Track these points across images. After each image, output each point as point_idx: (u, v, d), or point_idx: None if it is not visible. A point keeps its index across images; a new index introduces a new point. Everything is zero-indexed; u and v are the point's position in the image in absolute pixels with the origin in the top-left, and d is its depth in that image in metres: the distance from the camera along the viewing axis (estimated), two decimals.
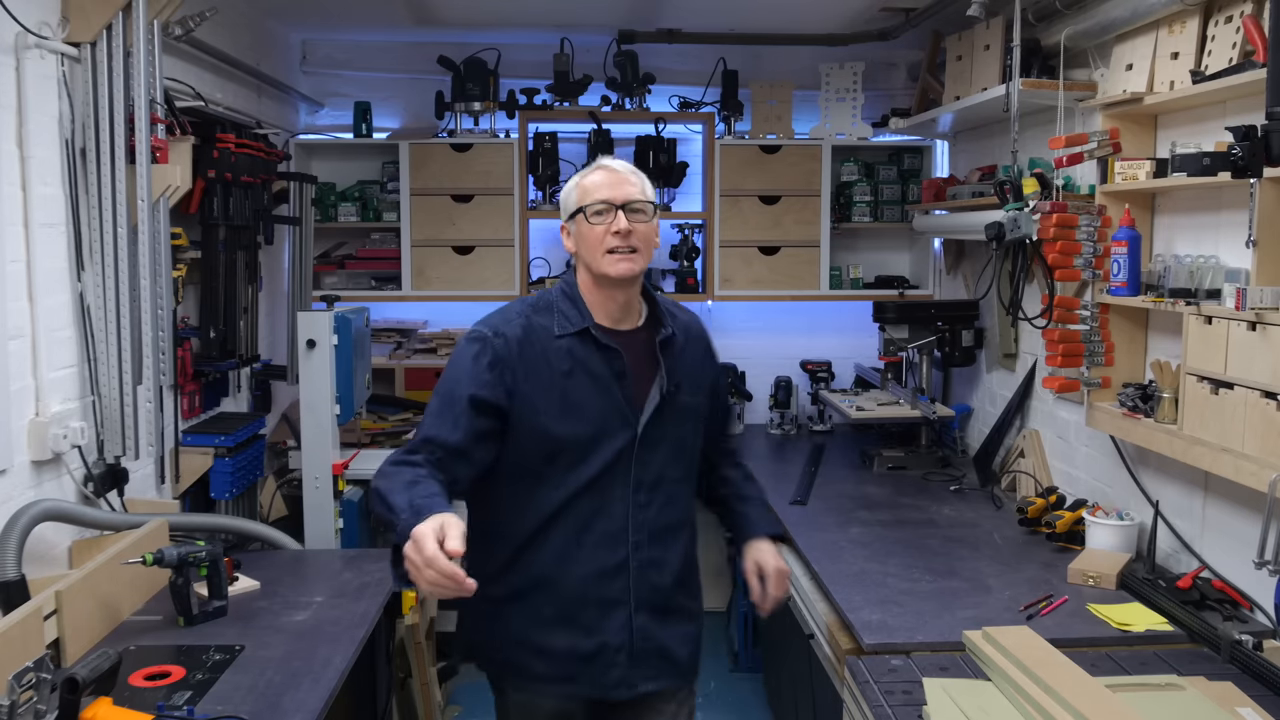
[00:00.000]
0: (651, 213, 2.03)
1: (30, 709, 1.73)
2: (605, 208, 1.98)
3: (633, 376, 2.02)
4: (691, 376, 2.12)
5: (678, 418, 2.08)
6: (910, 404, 4.06)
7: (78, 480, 2.60)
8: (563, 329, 2.01)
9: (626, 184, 2.01)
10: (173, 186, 2.80)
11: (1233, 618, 2.34)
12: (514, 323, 2.02)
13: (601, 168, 2.04)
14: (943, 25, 4.02)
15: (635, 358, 2.03)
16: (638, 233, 1.99)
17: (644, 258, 2.01)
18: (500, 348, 1.98)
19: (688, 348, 2.13)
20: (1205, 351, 2.37)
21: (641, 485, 2.04)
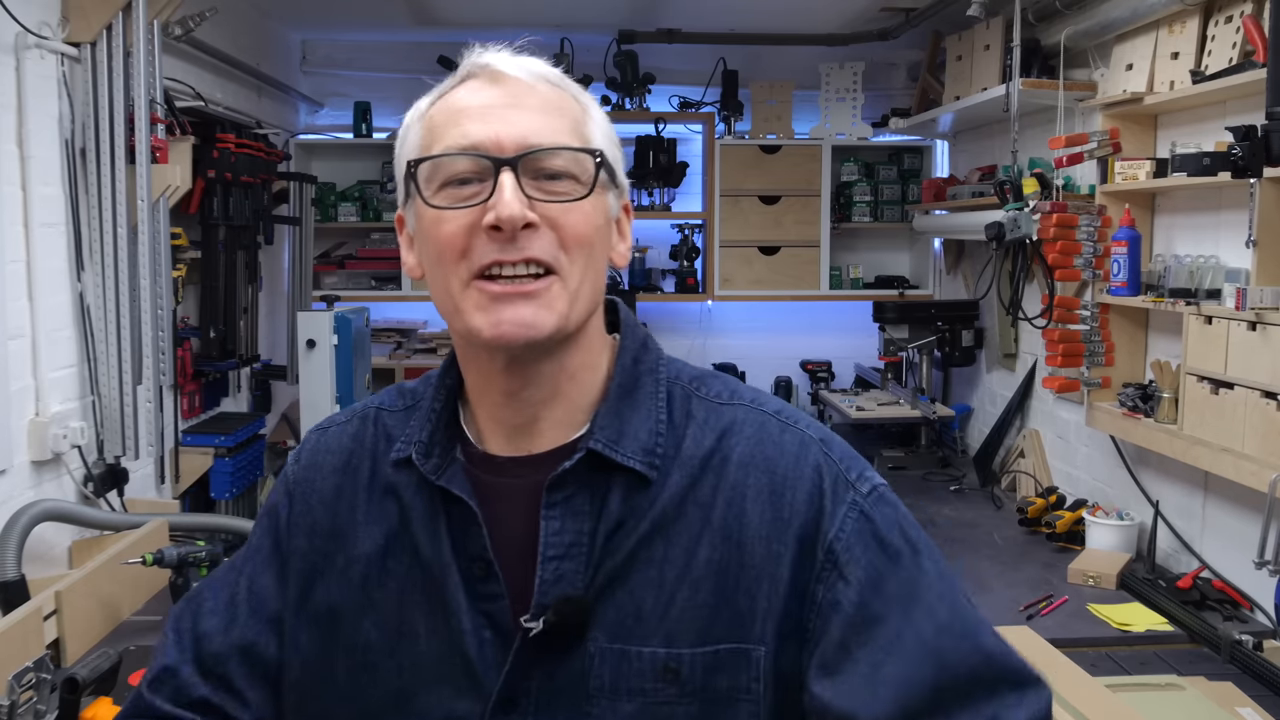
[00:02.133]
0: (592, 178, 0.86)
1: (30, 709, 1.73)
2: (471, 166, 0.84)
3: (522, 573, 0.86)
4: (688, 589, 0.85)
5: (623, 693, 0.85)
6: (910, 404, 4.06)
7: (78, 480, 2.59)
8: (401, 447, 0.93)
9: (532, 106, 0.86)
10: (173, 186, 2.80)
11: (1233, 618, 2.34)
12: (336, 429, 1.00)
13: (478, 73, 0.88)
14: (943, 25, 4.02)
15: (529, 529, 0.86)
16: (556, 228, 0.84)
17: (571, 289, 0.85)
18: (289, 488, 0.98)
19: (692, 508, 0.87)
20: (1205, 351, 2.37)
21: None
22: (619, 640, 0.85)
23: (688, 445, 0.89)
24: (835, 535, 0.85)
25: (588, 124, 0.89)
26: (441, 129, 0.87)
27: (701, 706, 0.84)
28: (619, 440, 0.87)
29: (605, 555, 0.86)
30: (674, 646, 0.84)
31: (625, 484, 0.87)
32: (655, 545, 0.86)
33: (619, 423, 0.88)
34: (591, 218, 0.86)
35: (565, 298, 0.84)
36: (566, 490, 0.86)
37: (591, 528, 0.86)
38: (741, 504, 0.86)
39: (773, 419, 0.91)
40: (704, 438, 0.89)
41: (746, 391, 0.94)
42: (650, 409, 0.90)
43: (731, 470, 0.88)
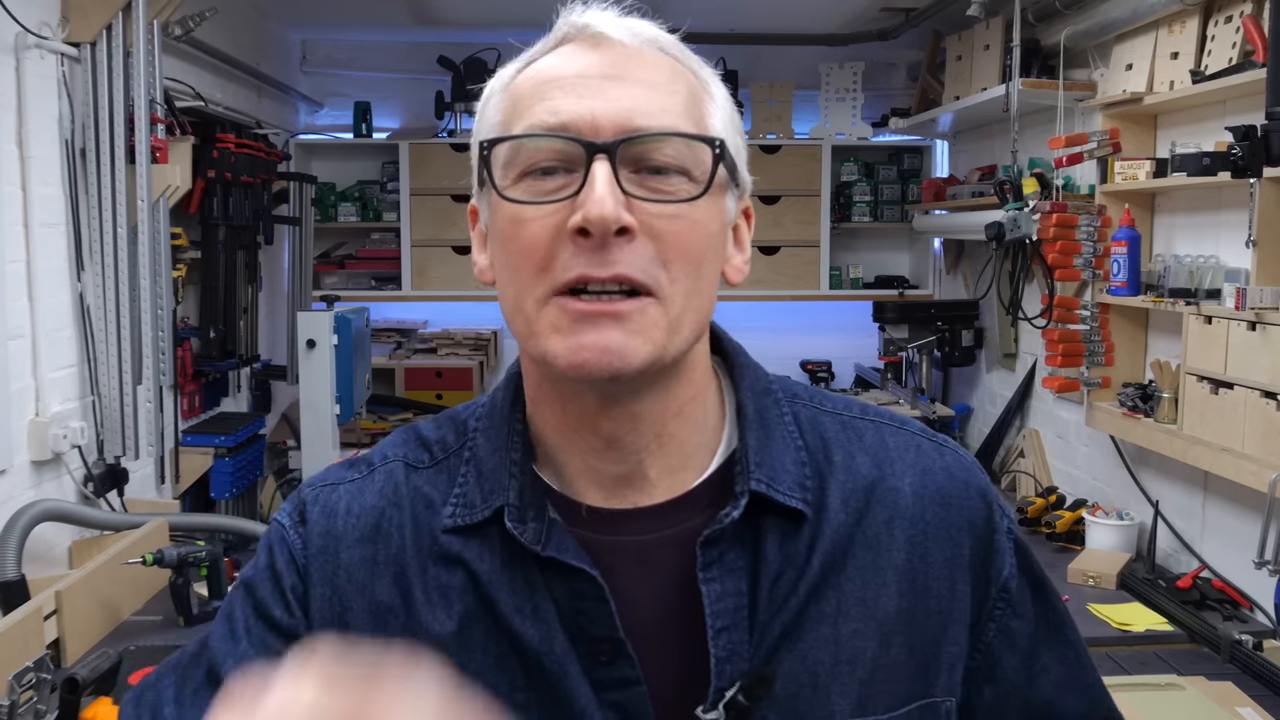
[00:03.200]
0: (708, 173, 0.68)
1: (30, 709, 1.73)
2: (561, 151, 0.67)
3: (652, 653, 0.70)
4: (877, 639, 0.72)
5: None
6: (910, 404, 4.05)
7: (78, 480, 2.59)
8: (462, 512, 0.74)
9: (634, 80, 0.69)
10: (173, 186, 2.80)
11: (1233, 618, 2.34)
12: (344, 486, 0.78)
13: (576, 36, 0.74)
14: (943, 25, 4.02)
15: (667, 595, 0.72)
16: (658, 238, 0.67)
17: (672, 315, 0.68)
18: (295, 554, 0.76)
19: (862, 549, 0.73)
20: (1205, 351, 2.37)
21: None
22: (797, 714, 0.70)
23: (838, 475, 0.74)
24: (1009, 571, 0.78)
25: (707, 105, 0.72)
26: (526, 102, 0.70)
27: None
28: (775, 478, 0.72)
29: (771, 617, 0.70)
30: (869, 713, 0.71)
31: (779, 528, 0.71)
32: (826, 597, 0.71)
33: (770, 459, 0.73)
34: (703, 226, 0.69)
35: (664, 325, 0.67)
36: (721, 546, 0.70)
37: (751, 585, 0.70)
38: (924, 543, 0.74)
39: (925, 440, 0.79)
40: (857, 465, 0.75)
41: (868, 405, 0.82)
42: (786, 438, 0.75)
43: (907, 504, 0.75)
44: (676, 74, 0.72)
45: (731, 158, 0.71)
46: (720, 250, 0.73)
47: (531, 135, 0.68)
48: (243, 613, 0.76)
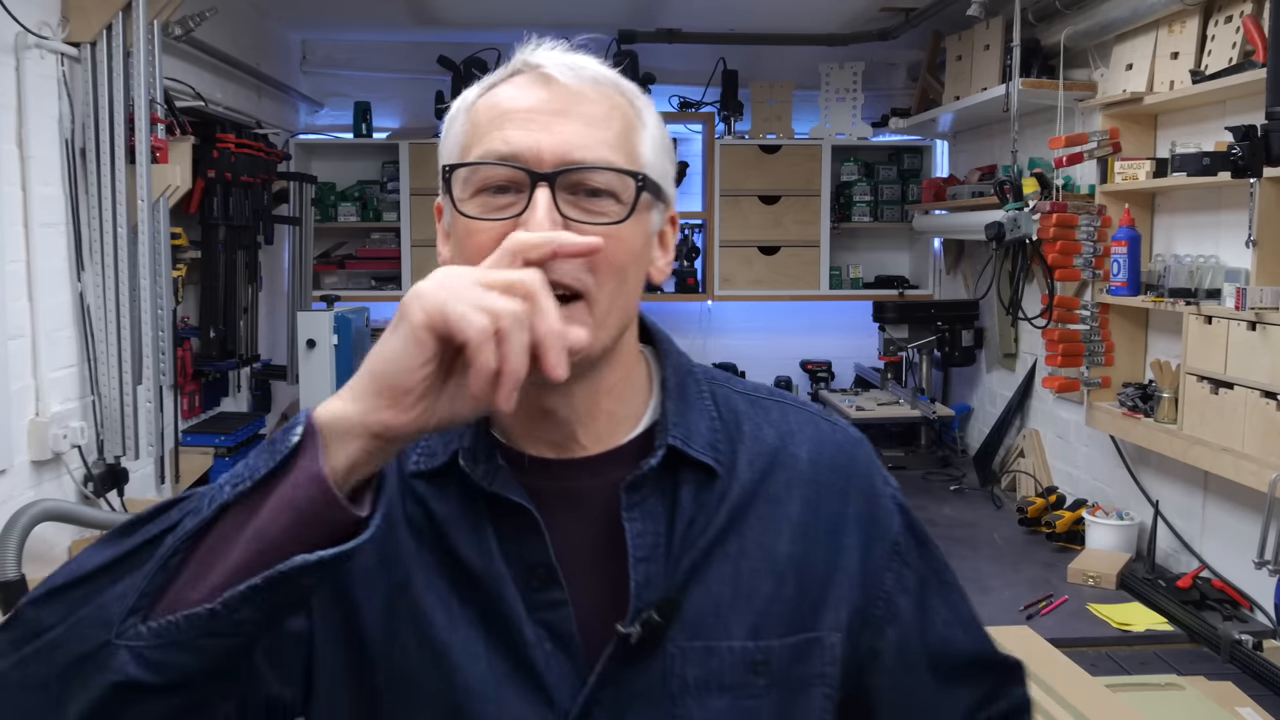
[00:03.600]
0: (633, 196, 0.81)
1: None
2: (508, 176, 0.80)
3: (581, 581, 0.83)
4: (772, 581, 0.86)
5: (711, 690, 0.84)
6: (910, 404, 4.06)
7: (78, 480, 2.59)
8: (425, 458, 0.86)
9: (573, 117, 0.81)
10: (173, 186, 2.80)
11: (1233, 618, 2.34)
12: None
13: (526, 70, 0.85)
14: (943, 25, 4.02)
15: (594, 531, 0.84)
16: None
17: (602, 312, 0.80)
18: None
19: (764, 504, 0.87)
20: (1205, 351, 2.37)
21: None
22: (700, 637, 0.83)
23: (747, 442, 0.89)
24: (898, 530, 0.92)
25: (638, 134, 0.84)
26: (485, 129, 0.82)
27: (783, 695, 0.85)
28: (689, 438, 0.86)
29: (682, 553, 0.84)
30: (761, 639, 0.85)
31: (695, 482, 0.85)
32: (730, 540, 0.85)
33: (686, 422, 0.86)
34: (628, 242, 0.81)
35: (591, 323, 0.79)
36: (643, 491, 0.84)
37: (667, 526, 0.84)
38: (816, 500, 0.89)
39: (821, 419, 0.94)
40: (763, 434, 0.90)
41: (777, 390, 0.97)
42: (702, 408, 0.89)
43: (803, 468, 0.89)
44: (613, 108, 0.83)
45: (655, 182, 0.84)
46: (644, 258, 0.86)
47: (486, 163, 0.80)
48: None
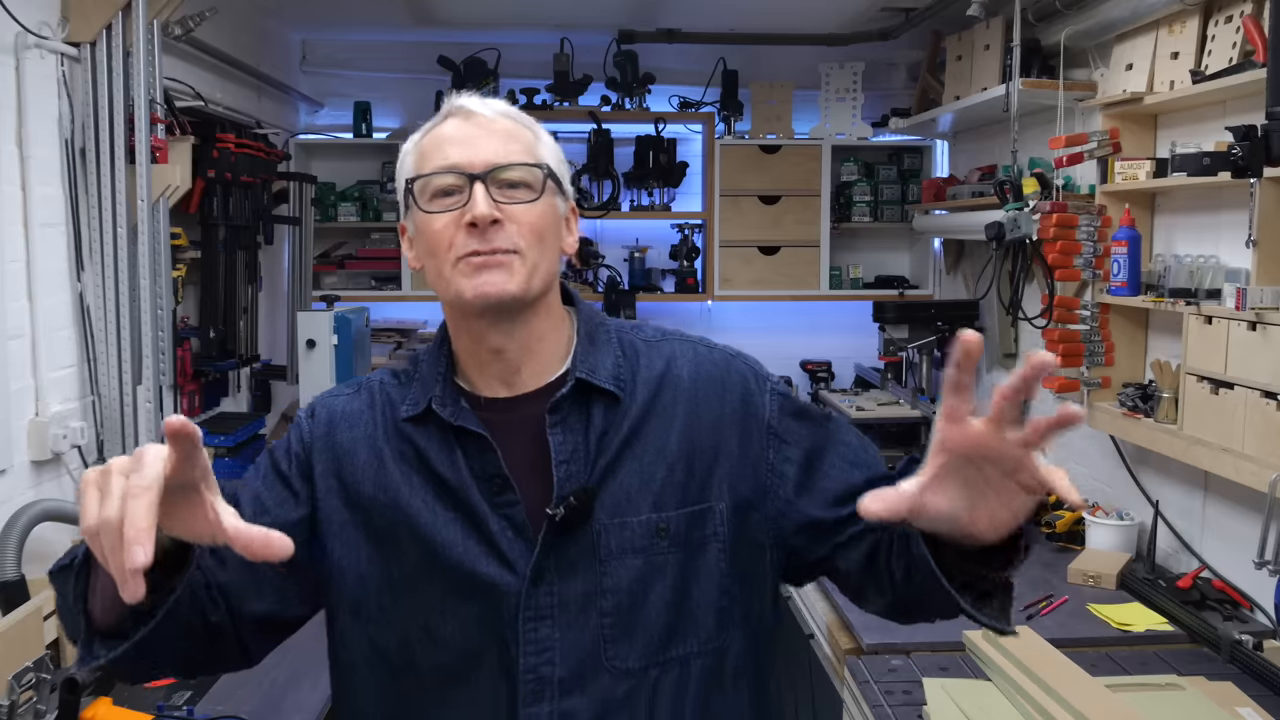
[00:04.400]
0: (541, 185, 1.15)
1: (30, 709, 1.73)
2: (452, 180, 1.14)
3: (529, 484, 1.14)
4: (665, 469, 1.16)
5: (626, 552, 1.14)
6: (910, 404, 4.06)
7: (78, 480, 2.59)
8: (411, 406, 1.19)
9: (495, 135, 1.16)
10: (173, 186, 2.80)
11: (1233, 618, 2.34)
12: (345, 396, 1.26)
13: (455, 112, 1.20)
14: (943, 25, 4.02)
15: (535, 446, 1.15)
16: (514, 221, 1.12)
17: (531, 263, 1.13)
18: (304, 436, 1.23)
19: (656, 415, 1.18)
20: (1205, 351, 2.37)
21: (545, 688, 1.12)
22: (617, 515, 1.14)
23: (642, 372, 1.20)
24: (770, 416, 1.21)
25: (538, 146, 1.18)
26: (430, 153, 1.17)
27: (684, 552, 1.16)
28: (594, 372, 1.17)
29: (598, 455, 1.15)
30: (662, 511, 1.15)
31: (603, 404, 1.17)
32: (634, 444, 1.16)
33: (592, 360, 1.18)
34: (542, 215, 1.15)
35: (525, 270, 1.13)
36: (562, 413, 1.15)
37: (584, 437, 1.15)
38: (696, 407, 1.19)
39: (699, 345, 1.26)
40: (654, 365, 1.21)
41: (669, 329, 1.28)
42: (609, 350, 1.20)
43: (684, 385, 1.20)
44: (518, 131, 1.18)
45: (556, 175, 1.18)
46: (557, 232, 1.19)
47: (437, 172, 1.15)
48: (263, 464, 1.23)
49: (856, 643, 2.33)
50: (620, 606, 1.14)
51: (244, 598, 1.13)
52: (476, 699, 1.14)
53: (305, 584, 1.18)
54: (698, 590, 1.17)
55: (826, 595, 2.63)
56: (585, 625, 1.13)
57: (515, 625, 1.12)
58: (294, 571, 1.13)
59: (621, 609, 1.14)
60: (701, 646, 1.17)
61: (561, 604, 1.13)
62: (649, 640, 1.14)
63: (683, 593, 1.16)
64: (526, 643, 1.12)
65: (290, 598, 1.18)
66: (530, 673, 1.12)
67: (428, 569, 1.14)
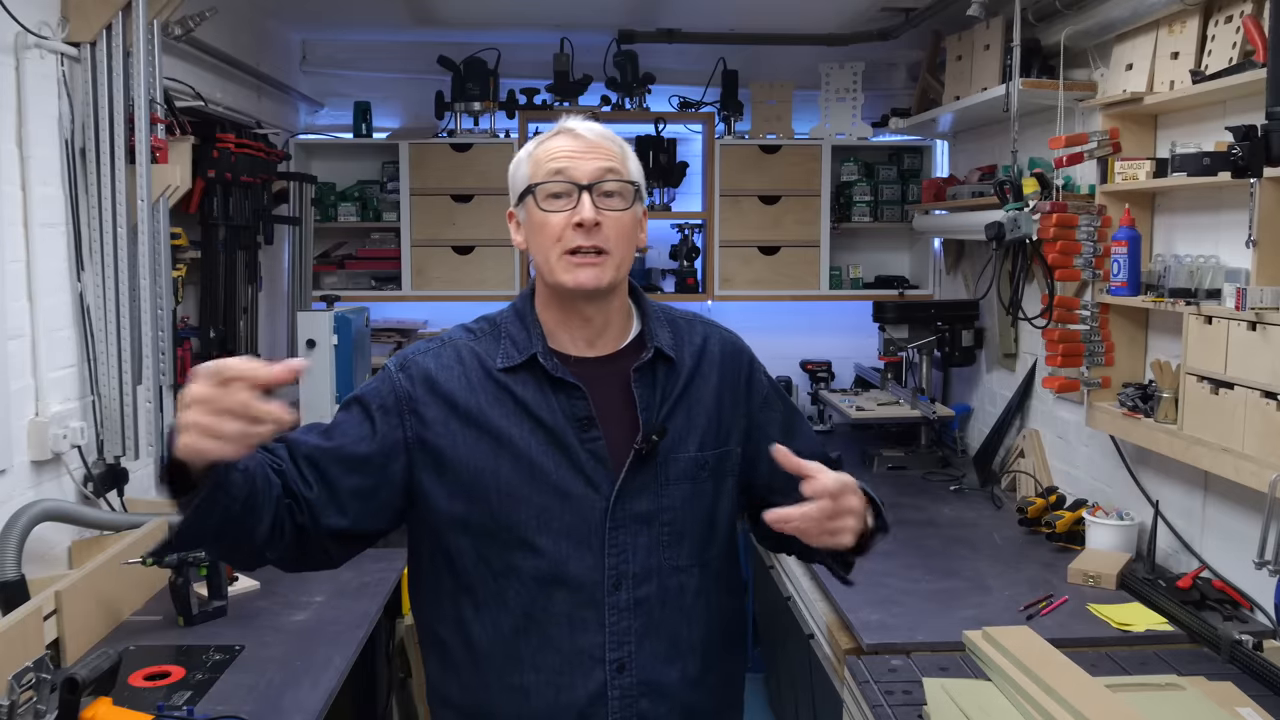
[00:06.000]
0: (631, 197, 1.49)
1: (30, 709, 1.73)
2: (564, 187, 1.46)
3: (607, 424, 1.48)
4: (705, 419, 1.55)
5: (681, 480, 1.52)
6: (910, 404, 4.06)
7: (78, 480, 2.59)
8: (506, 360, 1.49)
9: (598, 153, 1.48)
10: (173, 186, 2.80)
11: (1233, 618, 2.34)
12: (431, 353, 1.53)
13: (565, 131, 1.50)
14: (943, 25, 4.02)
15: (612, 396, 1.50)
16: (609, 225, 1.46)
17: (617, 261, 1.48)
18: (399, 389, 1.50)
19: (699, 378, 1.56)
20: (1205, 351, 2.37)
21: (623, 580, 1.47)
22: (673, 451, 1.51)
23: (687, 345, 1.58)
24: (765, 389, 1.66)
25: (628, 162, 1.51)
26: (545, 163, 1.47)
27: (715, 481, 1.55)
28: (662, 344, 1.53)
29: (661, 405, 1.51)
30: (704, 450, 1.54)
31: (664, 367, 1.53)
32: (684, 399, 1.54)
33: (657, 334, 1.54)
34: (629, 223, 1.50)
35: (612, 267, 1.47)
36: (643, 373, 1.51)
37: (653, 391, 1.51)
38: (723, 374, 1.59)
39: (723, 329, 1.67)
40: (695, 339, 1.59)
41: (693, 312, 1.67)
42: (663, 326, 1.57)
43: (716, 358, 1.60)
44: (613, 147, 1.50)
45: (640, 187, 1.51)
46: (636, 233, 1.52)
47: (554, 181, 1.47)
48: (353, 406, 1.51)
49: (856, 643, 2.33)
50: (675, 519, 1.51)
51: (324, 511, 1.42)
52: (569, 595, 1.46)
53: (378, 507, 1.47)
54: (720, 511, 1.57)
55: (826, 595, 2.63)
56: (650, 533, 1.49)
57: (601, 532, 1.46)
58: (367, 497, 1.45)
59: (676, 522, 1.51)
60: (719, 551, 1.57)
61: (633, 517, 1.48)
62: (692, 546, 1.52)
63: (713, 512, 1.56)
64: (610, 545, 1.46)
65: (364, 516, 1.46)
66: (613, 570, 1.47)
67: (527, 489, 1.45)
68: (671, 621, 1.51)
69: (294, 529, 1.40)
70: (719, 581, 1.58)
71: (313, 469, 1.43)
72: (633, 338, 1.56)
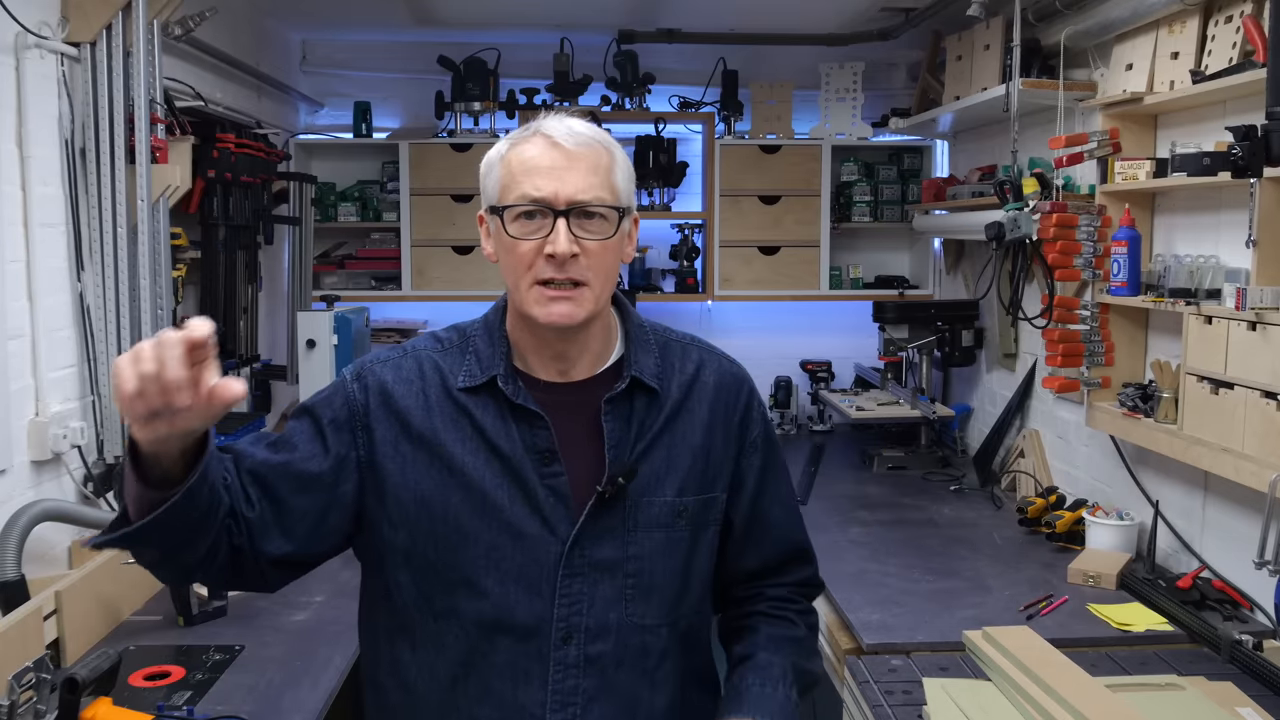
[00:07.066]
0: (616, 221, 1.29)
1: (30, 709, 1.73)
2: (535, 208, 1.26)
3: (572, 459, 1.32)
4: (689, 459, 1.37)
5: (652, 527, 1.34)
6: (910, 404, 4.06)
7: (78, 480, 2.59)
8: (467, 378, 1.33)
9: (579, 168, 1.27)
10: (173, 186, 2.80)
11: (1233, 618, 2.34)
12: (391, 364, 1.36)
13: (542, 136, 1.29)
14: (943, 25, 4.02)
15: (579, 428, 1.32)
16: (588, 255, 1.27)
17: (596, 293, 1.29)
18: (353, 401, 1.34)
19: (685, 412, 1.38)
20: (1205, 351, 2.37)
21: (574, 634, 1.31)
22: (646, 495, 1.33)
23: (677, 374, 1.39)
24: (757, 434, 1.45)
25: (615, 172, 1.30)
26: (519, 178, 1.27)
27: (693, 530, 1.38)
28: (642, 371, 1.35)
29: (637, 440, 1.33)
30: (683, 495, 1.36)
31: (644, 397, 1.35)
32: (664, 435, 1.36)
33: (640, 361, 1.36)
34: (613, 248, 1.31)
35: (591, 299, 1.29)
36: (617, 404, 1.33)
37: (628, 425, 1.33)
38: (716, 410, 1.41)
39: (723, 359, 1.46)
40: (686, 368, 1.41)
41: (691, 336, 1.46)
42: (648, 350, 1.39)
43: (709, 390, 1.41)
44: (598, 157, 1.29)
45: (627, 206, 1.32)
46: (620, 252, 1.33)
47: (523, 205, 1.27)
48: (305, 419, 1.34)
49: (856, 643, 2.33)
50: (643, 570, 1.34)
51: (265, 535, 1.27)
52: (513, 644, 1.31)
53: (325, 531, 1.33)
54: (696, 564, 1.40)
55: (827, 596, 2.63)
56: (612, 584, 1.32)
57: (553, 579, 1.30)
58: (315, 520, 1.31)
59: (643, 574, 1.34)
60: (691, 610, 1.41)
61: (593, 565, 1.31)
62: (661, 603, 1.35)
63: (688, 565, 1.38)
64: (561, 595, 1.30)
65: (310, 540, 1.31)
66: (562, 621, 1.31)
67: (477, 523, 1.30)
68: (629, 685, 1.34)
69: (229, 550, 1.24)
70: (689, 642, 1.40)
71: (257, 486, 1.27)
72: (612, 362, 1.37)
